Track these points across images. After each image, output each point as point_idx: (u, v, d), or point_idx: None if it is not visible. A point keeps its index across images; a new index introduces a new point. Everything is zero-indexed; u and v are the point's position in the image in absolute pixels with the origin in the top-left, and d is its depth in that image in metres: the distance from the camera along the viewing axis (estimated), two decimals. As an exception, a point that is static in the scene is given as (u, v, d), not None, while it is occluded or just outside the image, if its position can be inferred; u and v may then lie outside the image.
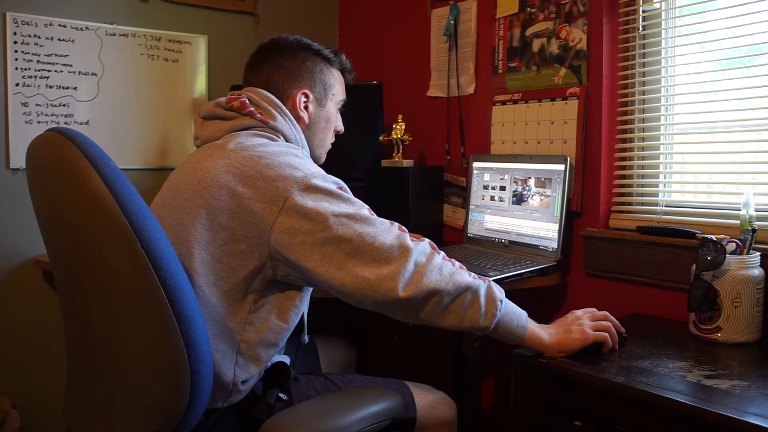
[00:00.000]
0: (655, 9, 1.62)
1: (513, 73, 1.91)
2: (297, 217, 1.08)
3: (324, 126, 1.37)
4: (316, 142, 1.37)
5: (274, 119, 1.24)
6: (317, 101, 1.34)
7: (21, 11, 1.91)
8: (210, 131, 1.25)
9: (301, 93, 1.31)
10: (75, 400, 1.16)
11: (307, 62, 1.33)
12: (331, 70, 1.37)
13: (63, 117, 2.00)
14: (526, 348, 1.21)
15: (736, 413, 0.94)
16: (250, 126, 1.23)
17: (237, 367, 1.14)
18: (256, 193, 1.09)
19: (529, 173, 1.76)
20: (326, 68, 1.36)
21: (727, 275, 1.27)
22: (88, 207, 0.96)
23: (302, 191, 1.10)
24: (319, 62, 1.34)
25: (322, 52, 1.35)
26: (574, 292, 1.77)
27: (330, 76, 1.36)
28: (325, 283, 1.10)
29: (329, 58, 1.36)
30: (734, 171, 1.53)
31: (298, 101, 1.30)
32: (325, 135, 1.39)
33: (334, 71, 1.38)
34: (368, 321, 2.43)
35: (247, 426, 1.17)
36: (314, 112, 1.34)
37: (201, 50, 2.25)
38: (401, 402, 1.27)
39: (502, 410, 2.02)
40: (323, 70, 1.35)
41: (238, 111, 1.24)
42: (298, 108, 1.31)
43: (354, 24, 2.59)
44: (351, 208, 1.12)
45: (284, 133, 1.26)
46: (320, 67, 1.34)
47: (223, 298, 1.12)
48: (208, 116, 1.28)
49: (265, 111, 1.25)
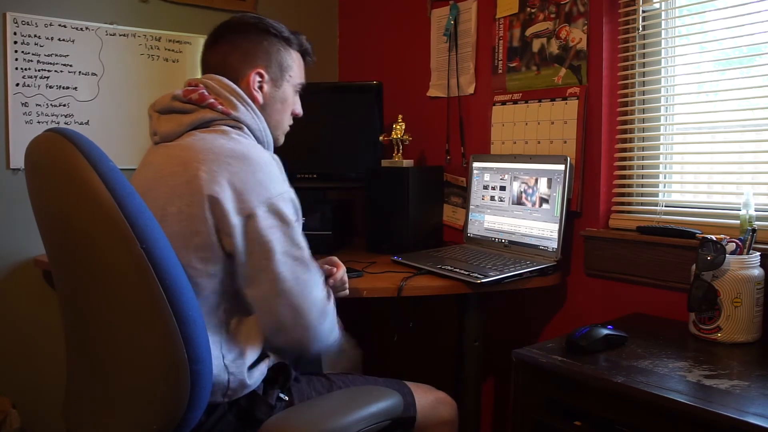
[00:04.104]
0: (655, 9, 1.62)
1: (513, 73, 1.91)
2: (251, 236, 1.12)
3: (280, 107, 1.35)
4: (273, 124, 1.34)
5: (235, 109, 1.23)
6: (272, 82, 1.32)
7: (21, 11, 1.91)
8: (169, 126, 1.22)
9: (255, 73, 1.29)
10: (75, 400, 1.16)
11: (264, 42, 1.31)
12: (289, 51, 1.35)
13: (63, 117, 2.00)
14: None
15: (736, 413, 0.94)
16: (211, 119, 1.21)
17: (226, 355, 1.15)
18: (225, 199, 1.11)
19: (529, 173, 1.76)
20: (284, 49, 1.33)
21: (727, 275, 1.27)
22: (88, 207, 0.96)
23: (266, 211, 1.12)
24: (276, 42, 1.32)
25: (281, 33, 1.33)
26: (574, 292, 1.77)
27: (288, 57, 1.34)
28: (247, 298, 1.16)
29: (288, 39, 1.34)
30: (734, 171, 1.53)
31: (252, 81, 1.28)
32: (281, 116, 1.36)
33: (293, 52, 1.36)
34: (368, 321, 2.43)
35: (248, 426, 1.17)
36: (269, 93, 1.32)
37: (201, 50, 2.25)
38: (401, 402, 1.27)
39: (502, 410, 2.02)
40: (280, 50, 1.33)
41: (196, 103, 1.22)
42: (252, 88, 1.29)
43: (354, 24, 2.59)
44: (297, 248, 1.17)
45: (247, 123, 1.24)
46: (277, 47, 1.32)
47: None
48: (165, 110, 1.24)
49: (226, 101, 1.23)
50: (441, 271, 1.60)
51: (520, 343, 1.36)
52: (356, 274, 1.61)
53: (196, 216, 1.10)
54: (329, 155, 2.20)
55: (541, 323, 1.88)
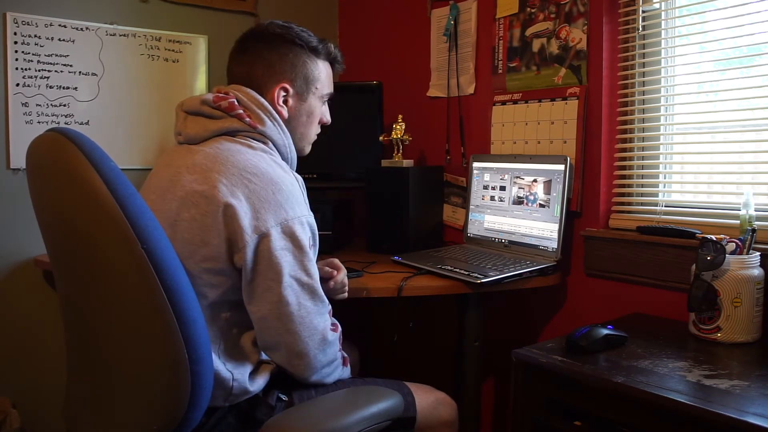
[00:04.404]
0: (655, 9, 1.62)
1: (513, 73, 1.91)
2: (262, 255, 1.11)
3: (306, 120, 1.34)
4: (298, 136, 1.34)
5: (263, 124, 1.23)
6: (298, 96, 1.31)
7: (21, 11, 1.91)
8: (195, 129, 1.22)
9: (280, 88, 1.28)
10: (75, 401, 1.16)
11: (290, 54, 1.29)
12: (316, 62, 1.33)
13: (63, 117, 2.00)
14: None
15: (736, 413, 0.94)
16: (237, 129, 1.21)
17: (227, 362, 1.15)
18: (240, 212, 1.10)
19: (529, 173, 1.76)
20: (310, 60, 1.32)
21: (727, 275, 1.27)
22: (89, 207, 0.96)
23: (281, 232, 1.12)
24: (302, 54, 1.31)
25: (309, 44, 1.31)
26: (574, 292, 1.77)
27: (314, 68, 1.33)
28: (249, 313, 1.16)
29: (315, 48, 1.33)
30: (734, 171, 1.53)
31: (276, 95, 1.28)
32: (306, 129, 1.36)
33: (320, 63, 1.34)
34: (368, 321, 2.44)
35: (248, 427, 1.17)
36: (294, 107, 1.31)
37: (201, 50, 2.25)
38: (401, 402, 1.27)
39: (502, 410, 2.02)
40: (306, 62, 1.31)
41: (226, 111, 1.21)
42: (277, 103, 1.28)
43: (354, 24, 2.59)
44: (306, 275, 1.16)
45: (273, 138, 1.24)
46: (303, 59, 1.31)
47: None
48: (193, 112, 1.24)
49: (254, 115, 1.23)
50: (441, 271, 1.60)
51: (520, 343, 1.36)
52: (356, 274, 1.61)
53: (209, 226, 1.10)
54: (329, 155, 2.19)
55: (541, 323, 1.88)
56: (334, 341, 1.24)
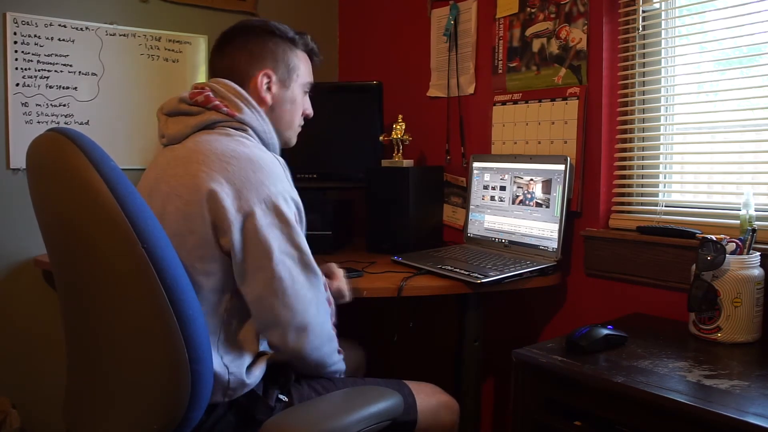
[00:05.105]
0: (655, 9, 1.62)
1: (513, 73, 1.91)
2: (249, 235, 1.11)
3: (290, 107, 1.36)
4: (284, 125, 1.35)
5: (240, 111, 1.23)
6: (280, 82, 1.33)
7: (21, 11, 1.91)
8: (176, 128, 1.23)
9: (262, 74, 1.29)
10: (75, 400, 1.16)
11: (269, 44, 1.31)
12: (296, 51, 1.36)
13: (63, 117, 2.00)
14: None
15: (736, 413, 0.94)
16: (216, 121, 1.22)
17: (225, 355, 1.15)
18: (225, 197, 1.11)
19: (530, 173, 1.76)
20: (290, 49, 1.34)
21: (727, 275, 1.27)
22: (89, 207, 0.96)
23: (265, 209, 1.12)
24: (282, 43, 1.33)
25: (286, 34, 1.34)
26: (574, 292, 1.77)
27: (294, 57, 1.35)
28: (244, 296, 1.15)
29: (293, 39, 1.35)
30: (734, 171, 1.53)
31: (260, 83, 1.29)
32: (291, 117, 1.37)
33: (299, 52, 1.37)
34: (368, 321, 2.43)
35: (248, 426, 1.17)
36: (278, 94, 1.32)
37: (201, 50, 2.25)
38: (402, 402, 1.27)
39: (502, 410, 2.02)
40: (286, 51, 1.33)
41: (202, 105, 1.23)
42: (261, 90, 1.29)
43: (354, 24, 2.59)
44: (296, 249, 1.16)
45: (252, 125, 1.25)
46: (283, 48, 1.33)
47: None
48: (173, 113, 1.26)
49: (231, 103, 1.24)
50: (441, 271, 1.60)
51: (520, 343, 1.36)
52: (356, 274, 1.61)
53: (193, 214, 1.11)
54: (329, 155, 2.20)
55: (541, 323, 1.88)
56: (332, 311, 1.27)
